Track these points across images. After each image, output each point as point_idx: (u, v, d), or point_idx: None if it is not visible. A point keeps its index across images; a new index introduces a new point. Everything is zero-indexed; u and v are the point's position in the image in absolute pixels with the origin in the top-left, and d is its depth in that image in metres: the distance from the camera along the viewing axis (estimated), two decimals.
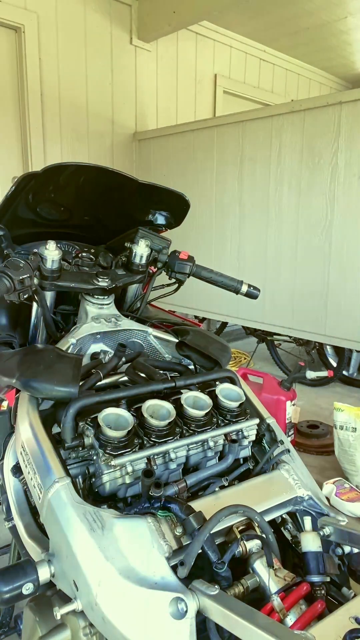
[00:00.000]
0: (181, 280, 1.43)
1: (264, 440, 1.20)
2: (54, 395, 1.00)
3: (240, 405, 1.14)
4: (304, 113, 3.09)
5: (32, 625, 0.89)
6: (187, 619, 0.75)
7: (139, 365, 1.16)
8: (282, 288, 3.44)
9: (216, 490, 1.02)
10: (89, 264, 1.32)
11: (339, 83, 6.48)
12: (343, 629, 0.72)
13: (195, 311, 4.12)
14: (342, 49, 5.37)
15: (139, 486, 0.98)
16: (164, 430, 1.01)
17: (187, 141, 3.90)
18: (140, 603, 0.76)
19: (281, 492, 1.05)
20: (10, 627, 1.43)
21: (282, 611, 0.81)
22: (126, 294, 1.45)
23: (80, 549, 0.81)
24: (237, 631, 0.71)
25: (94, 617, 0.79)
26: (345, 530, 0.96)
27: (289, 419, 2.72)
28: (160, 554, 0.83)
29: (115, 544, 0.82)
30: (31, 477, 0.98)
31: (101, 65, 4.08)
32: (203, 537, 0.83)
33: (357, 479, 2.43)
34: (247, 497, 0.99)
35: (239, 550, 0.90)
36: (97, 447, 0.96)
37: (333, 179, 2.95)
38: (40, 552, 0.93)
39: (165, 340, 1.33)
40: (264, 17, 4.62)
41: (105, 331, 1.24)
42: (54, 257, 1.16)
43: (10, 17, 3.52)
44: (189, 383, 1.14)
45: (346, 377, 4.00)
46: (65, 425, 0.98)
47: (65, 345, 1.17)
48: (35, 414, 1.03)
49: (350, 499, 2.19)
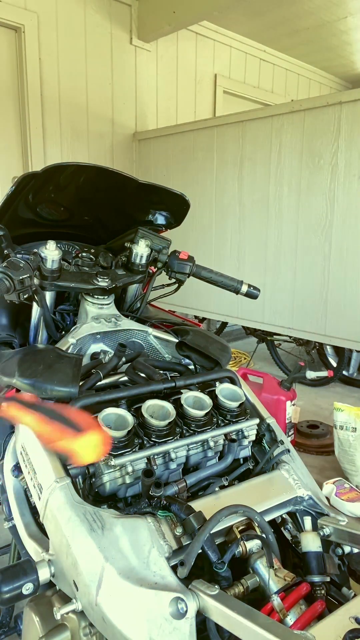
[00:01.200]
0: (181, 280, 1.43)
1: (264, 440, 1.20)
2: (54, 395, 1.00)
3: (240, 405, 1.14)
4: (304, 113, 3.09)
5: (32, 625, 0.89)
6: (187, 619, 0.75)
7: (139, 365, 1.16)
8: (282, 288, 3.44)
9: (216, 490, 1.02)
10: (89, 264, 1.32)
11: (339, 83, 6.48)
12: (343, 629, 0.72)
13: (195, 311, 4.12)
14: (342, 49, 5.37)
15: (139, 486, 0.98)
16: (164, 430, 1.01)
17: (187, 141, 3.90)
18: (140, 603, 0.76)
19: (281, 492, 1.05)
20: (10, 627, 1.43)
21: (282, 611, 0.81)
22: (126, 294, 1.45)
23: (80, 549, 0.81)
24: (237, 631, 0.71)
25: (94, 617, 0.79)
26: (345, 530, 0.96)
27: (289, 419, 2.72)
28: (160, 554, 0.83)
29: (115, 544, 0.81)
30: (31, 477, 0.98)
31: (101, 65, 4.08)
32: (203, 537, 0.83)
33: (357, 479, 2.43)
34: (247, 497, 0.99)
35: (239, 550, 0.90)
36: None
37: (333, 179, 2.95)
38: (40, 552, 0.93)
39: (165, 340, 1.33)
40: (264, 17, 4.62)
41: (105, 331, 1.24)
42: (54, 257, 1.16)
43: (10, 17, 3.52)
44: (189, 383, 1.14)
45: (346, 377, 4.00)
46: None
47: (65, 345, 1.17)
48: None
49: (350, 499, 2.19)
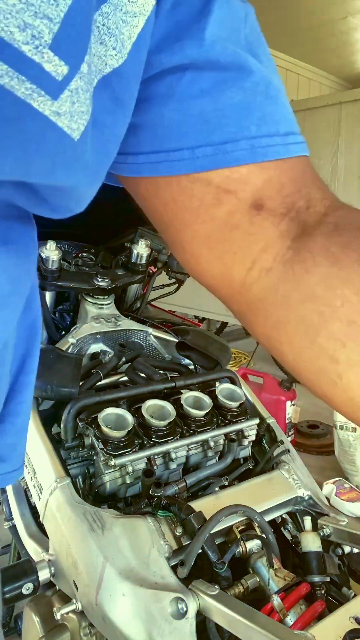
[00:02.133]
0: (181, 280, 1.43)
1: (264, 440, 1.20)
2: (53, 396, 1.00)
3: (240, 405, 1.14)
4: (304, 113, 3.09)
5: (32, 625, 0.89)
6: (187, 619, 0.75)
7: (139, 365, 1.16)
8: None
9: (216, 490, 1.02)
10: (89, 264, 1.32)
11: (339, 83, 6.49)
12: (343, 629, 0.72)
13: (195, 311, 4.12)
14: (342, 49, 5.37)
15: (139, 486, 0.98)
16: (164, 430, 1.01)
17: None
18: (140, 603, 0.76)
19: (281, 492, 1.05)
20: (10, 627, 1.43)
21: (282, 611, 0.81)
22: (126, 294, 1.45)
23: (80, 549, 0.82)
24: (237, 631, 0.71)
25: (94, 617, 0.79)
26: (345, 530, 0.96)
27: (289, 419, 2.72)
28: (160, 554, 0.83)
29: (115, 544, 0.82)
30: (31, 477, 0.98)
31: None
32: (203, 537, 0.83)
33: (357, 479, 2.43)
34: (247, 497, 0.99)
35: (239, 550, 0.90)
36: (97, 447, 0.96)
37: (333, 179, 2.95)
38: (40, 552, 0.93)
39: (165, 340, 1.33)
40: (264, 17, 4.58)
41: (105, 331, 1.24)
42: (54, 257, 1.16)
43: None
44: (189, 383, 1.14)
45: None
46: (65, 425, 0.98)
47: (65, 345, 1.17)
48: (35, 414, 1.03)
49: (350, 499, 2.19)
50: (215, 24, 0.36)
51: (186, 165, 0.38)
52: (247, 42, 0.39)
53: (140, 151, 0.40)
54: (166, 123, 0.38)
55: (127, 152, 0.40)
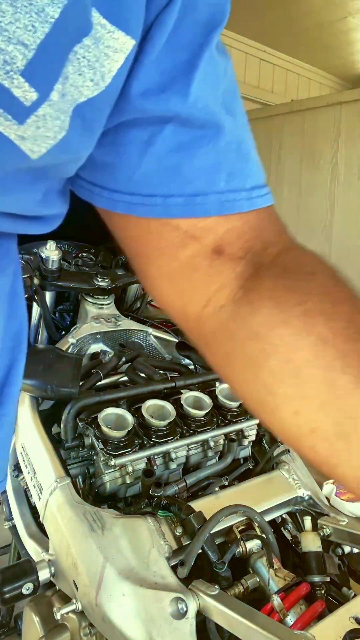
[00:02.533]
0: None
1: (264, 440, 1.20)
2: (53, 396, 1.01)
3: (240, 405, 1.14)
4: (304, 113, 3.09)
5: (32, 625, 0.89)
6: (187, 619, 0.75)
7: (139, 365, 1.16)
8: None
9: (216, 490, 1.02)
10: (89, 264, 1.33)
11: (339, 83, 6.48)
12: (343, 629, 0.72)
13: None
14: (342, 49, 5.37)
15: (139, 486, 0.98)
16: (164, 430, 1.01)
17: None
18: (140, 603, 0.76)
19: (281, 492, 1.05)
20: (10, 627, 1.43)
21: (282, 611, 0.81)
22: (126, 294, 1.46)
23: (80, 549, 0.82)
24: (237, 631, 0.71)
25: (94, 617, 0.79)
26: (345, 530, 0.96)
27: None
28: (160, 554, 0.83)
29: (115, 544, 0.82)
30: (31, 477, 0.98)
31: None
32: (203, 537, 0.83)
33: None
34: (247, 497, 0.99)
35: (239, 550, 0.90)
36: (97, 447, 0.96)
37: (333, 179, 2.95)
38: (40, 552, 0.93)
39: (165, 340, 1.33)
40: (264, 17, 4.62)
41: (105, 331, 1.24)
42: (54, 257, 1.16)
43: None
44: (189, 383, 1.14)
45: None
46: (65, 425, 0.98)
47: (65, 345, 1.17)
48: (35, 414, 1.03)
49: (350, 499, 2.19)
50: (200, 80, 0.38)
51: (159, 211, 0.41)
52: (224, 98, 0.41)
53: (116, 189, 0.42)
54: (143, 170, 0.41)
55: (104, 186, 0.42)
